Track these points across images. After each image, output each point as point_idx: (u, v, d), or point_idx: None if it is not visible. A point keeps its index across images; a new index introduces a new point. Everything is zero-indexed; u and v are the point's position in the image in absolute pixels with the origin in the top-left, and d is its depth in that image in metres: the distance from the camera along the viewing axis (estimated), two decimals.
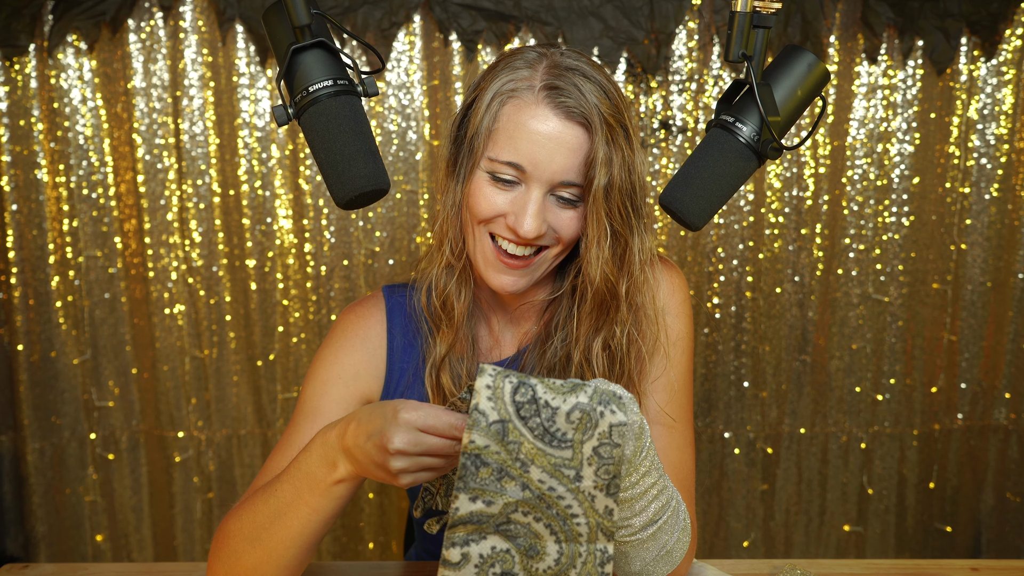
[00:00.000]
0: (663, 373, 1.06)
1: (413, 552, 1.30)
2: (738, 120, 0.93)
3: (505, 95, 0.95)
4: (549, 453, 0.76)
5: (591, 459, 0.77)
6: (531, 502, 0.77)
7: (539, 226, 0.95)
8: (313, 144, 0.90)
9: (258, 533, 0.88)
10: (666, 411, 1.05)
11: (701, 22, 2.06)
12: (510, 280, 0.99)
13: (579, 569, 0.79)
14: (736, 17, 0.90)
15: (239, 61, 2.05)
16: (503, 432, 0.75)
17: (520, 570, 0.78)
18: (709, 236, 2.16)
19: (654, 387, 1.06)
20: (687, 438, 1.07)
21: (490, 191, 0.97)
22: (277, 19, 0.91)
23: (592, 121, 0.93)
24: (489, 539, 0.77)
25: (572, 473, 0.77)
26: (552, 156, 0.93)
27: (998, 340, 2.21)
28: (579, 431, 0.76)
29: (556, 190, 0.96)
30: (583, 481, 0.77)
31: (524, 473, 0.76)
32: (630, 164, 0.97)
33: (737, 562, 1.14)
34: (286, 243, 2.13)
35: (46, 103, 2.04)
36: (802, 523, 2.31)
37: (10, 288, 2.10)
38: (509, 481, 0.76)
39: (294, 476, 0.85)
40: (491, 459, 0.75)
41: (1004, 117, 2.12)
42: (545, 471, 0.77)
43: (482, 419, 0.75)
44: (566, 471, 0.77)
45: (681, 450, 1.05)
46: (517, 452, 0.76)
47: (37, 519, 2.20)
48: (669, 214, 0.96)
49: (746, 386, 2.23)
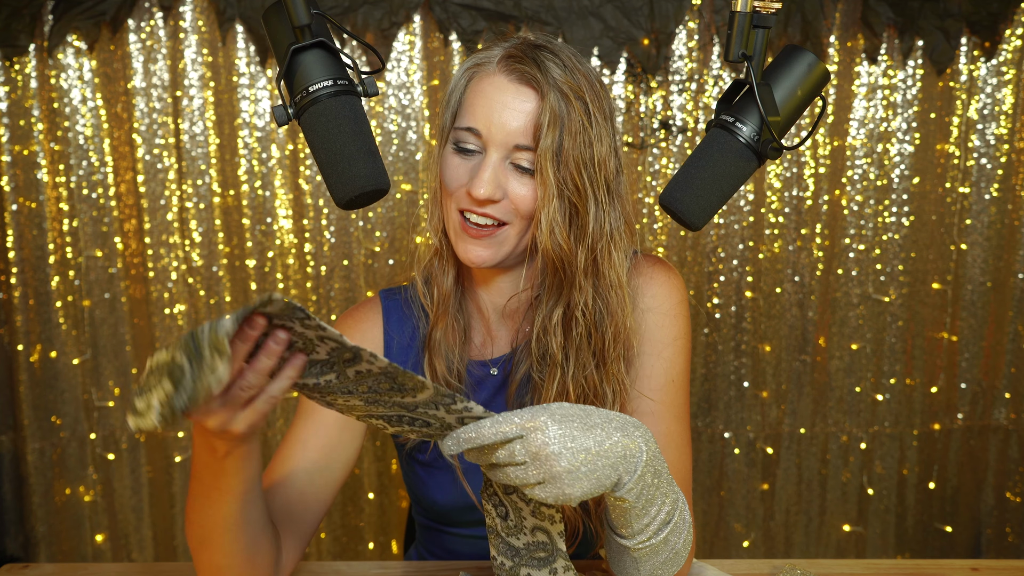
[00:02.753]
0: (660, 373, 1.06)
1: (413, 552, 1.30)
2: (738, 120, 0.93)
3: (470, 71, 1.01)
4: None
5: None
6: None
7: (491, 189, 0.97)
8: (313, 144, 0.90)
9: (200, 534, 0.90)
10: (663, 409, 1.05)
11: (701, 22, 2.06)
12: (476, 251, 1.00)
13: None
14: (736, 17, 0.90)
15: (239, 61, 2.05)
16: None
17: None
18: (709, 236, 2.16)
19: (650, 387, 1.06)
20: (684, 437, 1.06)
21: (454, 161, 1.00)
22: (277, 19, 0.91)
23: (542, 87, 0.96)
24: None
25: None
26: (503, 117, 0.97)
27: (998, 340, 2.21)
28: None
29: (512, 156, 0.98)
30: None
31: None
32: (589, 137, 0.97)
33: (737, 562, 1.14)
34: (286, 243, 2.13)
35: (46, 103, 2.04)
36: (802, 523, 2.31)
37: (10, 288, 2.10)
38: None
39: (196, 475, 0.86)
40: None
41: (1004, 117, 2.12)
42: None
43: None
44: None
45: (679, 449, 1.05)
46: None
47: (37, 519, 2.20)
48: (669, 214, 0.96)
49: (746, 386, 2.23)
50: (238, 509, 0.86)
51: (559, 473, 0.76)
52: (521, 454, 0.77)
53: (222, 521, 0.86)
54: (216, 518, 0.86)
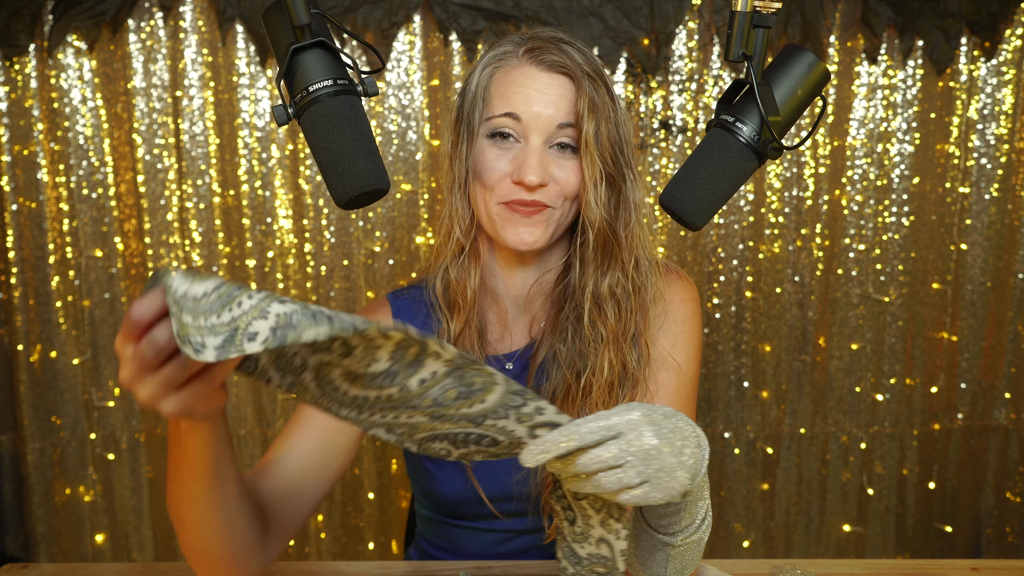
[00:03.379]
0: (674, 378, 1.08)
1: (413, 552, 1.30)
2: (738, 120, 0.93)
3: (492, 66, 1.03)
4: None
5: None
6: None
7: (541, 172, 0.99)
8: (313, 144, 0.90)
9: (174, 511, 0.88)
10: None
11: (701, 22, 2.06)
12: (527, 231, 1.01)
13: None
14: (736, 17, 0.90)
15: (239, 61, 2.05)
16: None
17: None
18: (709, 236, 2.16)
19: (662, 390, 1.07)
20: None
21: (493, 153, 1.01)
22: (277, 19, 0.91)
23: (574, 72, 1.00)
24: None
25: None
26: (543, 102, 1.00)
27: (998, 340, 2.21)
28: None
29: (554, 137, 1.01)
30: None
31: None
32: (616, 118, 1.02)
33: (737, 562, 1.14)
34: (286, 243, 2.13)
35: (46, 103, 2.04)
36: (802, 523, 2.31)
37: (10, 288, 2.10)
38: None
39: (168, 451, 0.85)
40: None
41: (1004, 117, 2.12)
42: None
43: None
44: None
45: None
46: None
47: (37, 519, 2.20)
48: (669, 214, 0.96)
49: (746, 386, 2.23)
50: (206, 488, 0.84)
51: (667, 466, 0.72)
52: (619, 455, 0.71)
53: (190, 499, 0.85)
54: (184, 496, 0.85)
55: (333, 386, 0.70)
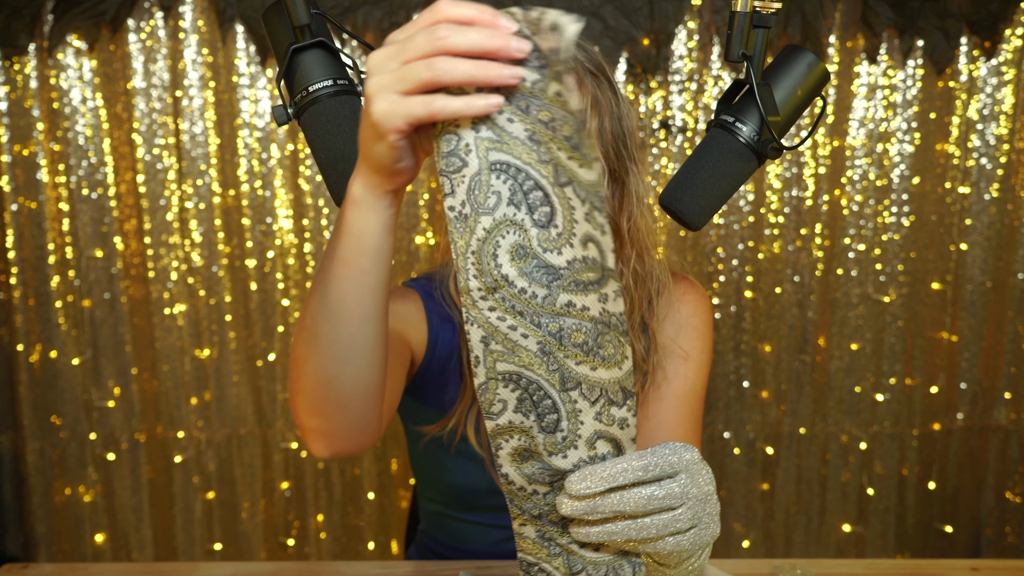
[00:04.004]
0: (683, 383, 1.08)
1: (415, 551, 1.30)
2: (738, 120, 0.93)
3: None
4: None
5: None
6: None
7: None
8: (313, 144, 0.90)
9: (312, 324, 0.76)
10: (683, 416, 1.06)
11: (701, 22, 2.06)
12: None
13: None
14: (736, 17, 0.90)
15: (239, 61, 2.05)
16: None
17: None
18: (709, 236, 2.16)
19: (672, 394, 1.08)
20: (697, 446, 1.08)
21: None
22: (277, 19, 0.91)
23: (576, 71, 0.98)
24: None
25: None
26: None
27: (998, 340, 2.21)
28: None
29: None
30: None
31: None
32: (619, 112, 1.02)
33: (737, 562, 1.14)
34: (286, 243, 2.13)
35: (46, 103, 2.04)
36: (802, 523, 2.31)
37: (10, 288, 2.10)
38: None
39: (335, 238, 0.74)
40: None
41: (1004, 117, 2.12)
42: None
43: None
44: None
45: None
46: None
47: (37, 519, 2.20)
48: (669, 214, 0.96)
49: (746, 386, 2.23)
50: (365, 292, 0.73)
51: (713, 512, 0.65)
52: (682, 494, 0.63)
53: (349, 299, 0.73)
54: (341, 295, 0.73)
55: (491, 254, 0.62)
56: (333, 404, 0.77)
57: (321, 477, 2.25)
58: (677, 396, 1.07)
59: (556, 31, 0.61)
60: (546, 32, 0.61)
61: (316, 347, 0.75)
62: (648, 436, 1.06)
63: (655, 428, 1.06)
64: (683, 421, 1.06)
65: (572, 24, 0.60)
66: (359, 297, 0.73)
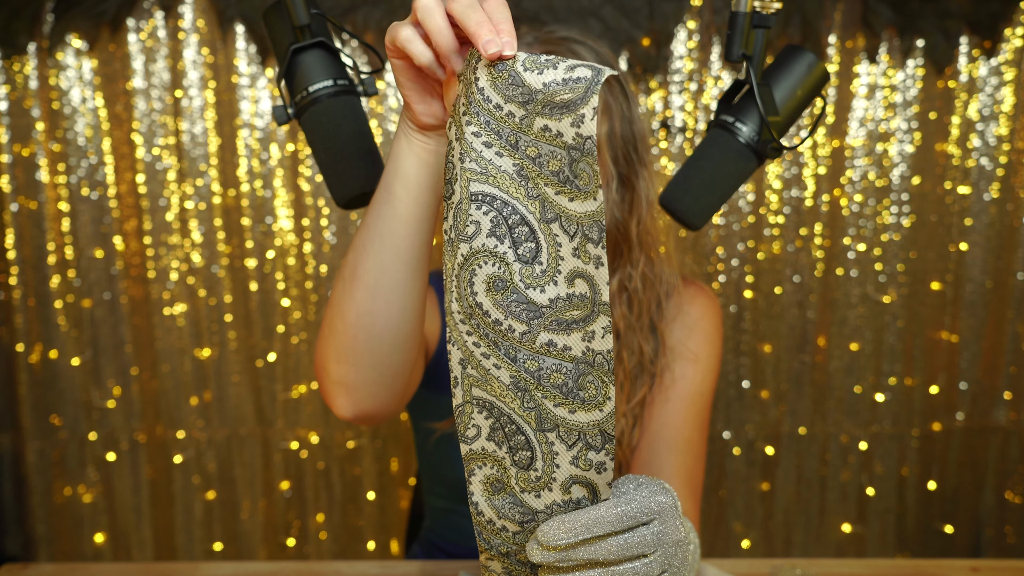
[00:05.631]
0: (690, 385, 1.08)
1: (418, 549, 1.30)
2: (738, 120, 0.93)
3: None
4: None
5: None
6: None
7: None
8: (313, 144, 0.90)
9: (353, 258, 0.79)
10: (689, 417, 1.06)
11: (701, 22, 2.06)
12: None
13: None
14: (736, 17, 0.90)
15: (239, 61, 2.05)
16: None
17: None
18: (709, 236, 2.16)
19: (680, 396, 1.07)
20: (702, 447, 1.07)
21: None
22: (277, 19, 0.91)
23: (601, 95, 0.97)
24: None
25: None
26: None
27: (998, 340, 2.21)
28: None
29: None
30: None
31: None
32: (629, 116, 1.02)
33: (737, 562, 1.14)
34: (286, 243, 2.13)
35: (46, 103, 2.04)
36: (802, 523, 2.31)
37: (10, 288, 2.10)
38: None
39: (384, 176, 0.79)
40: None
41: (1004, 117, 2.12)
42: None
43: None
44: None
45: (697, 458, 1.05)
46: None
47: (37, 519, 2.20)
48: (669, 214, 0.96)
49: (746, 386, 2.23)
50: (399, 224, 0.77)
51: (684, 557, 0.65)
52: (655, 542, 0.62)
53: (380, 227, 0.77)
54: (379, 219, 0.77)
55: (468, 281, 0.62)
56: (364, 345, 0.79)
57: (321, 477, 2.25)
58: (683, 399, 1.07)
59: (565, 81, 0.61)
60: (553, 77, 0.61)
61: (353, 280, 0.79)
62: (653, 438, 1.06)
63: (660, 430, 1.06)
64: (688, 423, 1.06)
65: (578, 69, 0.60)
66: (393, 226, 0.77)
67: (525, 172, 0.62)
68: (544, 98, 0.61)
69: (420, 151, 0.75)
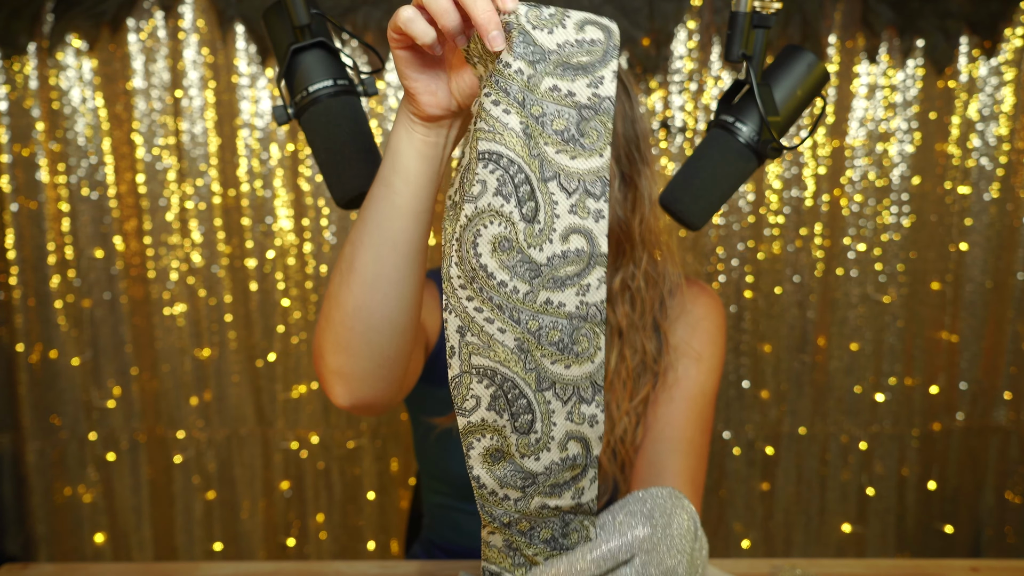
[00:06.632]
0: (694, 385, 1.08)
1: (418, 548, 1.30)
2: (738, 120, 0.93)
3: None
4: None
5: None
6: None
7: None
8: (313, 144, 0.90)
9: (350, 251, 0.79)
10: (692, 417, 1.06)
11: (701, 22, 2.06)
12: None
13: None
14: (736, 17, 0.90)
15: (239, 61, 2.05)
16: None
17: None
18: (709, 236, 2.16)
19: (683, 396, 1.07)
20: (704, 448, 1.07)
21: None
22: (277, 19, 0.91)
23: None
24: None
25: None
26: None
27: (998, 340, 2.21)
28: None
29: None
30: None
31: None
32: (632, 115, 1.02)
33: (737, 562, 1.14)
34: (286, 243, 2.13)
35: (46, 103, 2.04)
36: (802, 523, 2.31)
37: (10, 288, 2.10)
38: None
39: (383, 162, 0.79)
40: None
41: (1004, 117, 2.12)
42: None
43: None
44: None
45: (699, 458, 1.05)
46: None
47: (37, 519, 2.20)
48: (669, 214, 0.96)
49: (746, 386, 2.23)
50: (396, 217, 0.77)
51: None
52: (639, 571, 0.66)
53: (390, 230, 0.77)
54: (376, 212, 0.77)
55: (471, 243, 0.62)
56: (360, 336, 0.79)
57: (321, 477, 2.25)
58: (686, 398, 1.07)
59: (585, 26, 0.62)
60: (571, 29, 0.62)
61: (350, 273, 0.79)
62: (656, 438, 1.05)
63: (663, 429, 1.06)
64: (691, 423, 1.06)
65: (594, 21, 0.61)
66: (391, 219, 0.77)
67: (529, 131, 0.62)
68: (559, 59, 0.61)
69: (420, 144, 0.75)
